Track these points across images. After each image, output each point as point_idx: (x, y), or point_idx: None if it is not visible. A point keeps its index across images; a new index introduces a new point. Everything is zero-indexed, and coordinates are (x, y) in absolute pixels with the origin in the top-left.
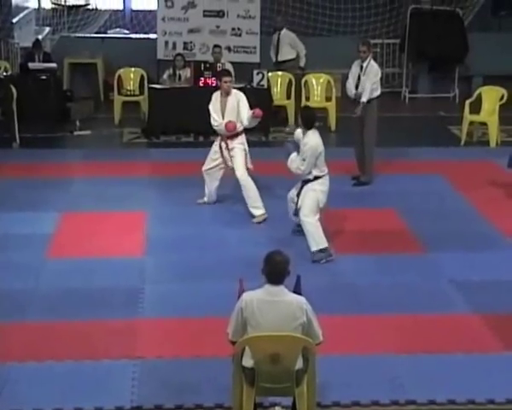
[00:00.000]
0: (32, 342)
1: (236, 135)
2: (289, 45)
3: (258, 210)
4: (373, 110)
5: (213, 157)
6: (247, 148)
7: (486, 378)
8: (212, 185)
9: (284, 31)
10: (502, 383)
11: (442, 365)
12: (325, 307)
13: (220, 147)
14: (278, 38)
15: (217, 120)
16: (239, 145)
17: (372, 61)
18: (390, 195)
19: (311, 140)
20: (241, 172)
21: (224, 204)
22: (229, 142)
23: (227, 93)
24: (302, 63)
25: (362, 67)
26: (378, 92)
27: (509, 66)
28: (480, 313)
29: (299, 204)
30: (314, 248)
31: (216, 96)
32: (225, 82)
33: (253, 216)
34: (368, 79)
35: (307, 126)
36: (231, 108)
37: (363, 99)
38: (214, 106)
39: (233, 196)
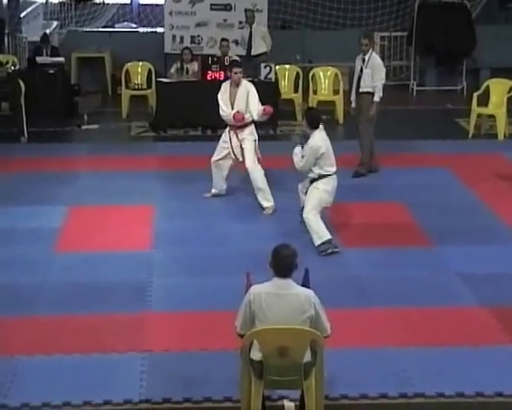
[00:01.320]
0: (41, 337)
1: (246, 125)
2: (262, 39)
3: (268, 202)
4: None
5: (223, 146)
6: (256, 138)
7: (494, 371)
8: (221, 176)
9: (255, 25)
10: (510, 375)
11: (450, 358)
12: (333, 301)
13: (230, 137)
14: (250, 33)
15: (225, 111)
16: (249, 136)
17: (374, 54)
18: (397, 188)
19: (314, 141)
20: (251, 163)
21: (232, 197)
22: (238, 132)
23: (237, 84)
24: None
25: (364, 60)
26: None
27: None
28: (487, 305)
29: (304, 203)
30: (318, 241)
31: (225, 86)
32: (235, 73)
33: (262, 208)
34: (376, 76)
35: (312, 126)
36: (240, 99)
37: (376, 98)
38: (223, 96)
39: (240, 189)
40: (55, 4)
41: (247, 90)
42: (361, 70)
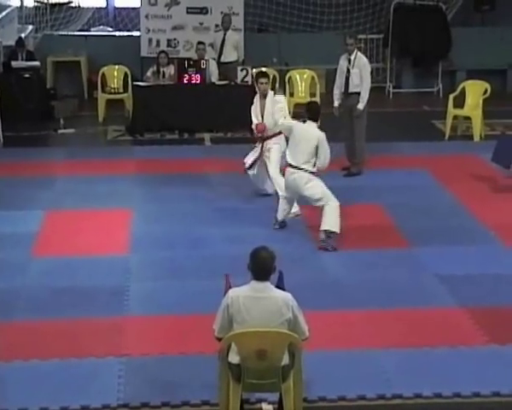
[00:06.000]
0: (18, 342)
1: (273, 136)
2: (233, 47)
3: (293, 208)
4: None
5: (253, 153)
6: (281, 146)
7: (472, 371)
8: (259, 178)
9: (230, 31)
10: (487, 375)
11: (428, 358)
12: (310, 303)
13: (261, 148)
14: (223, 39)
15: (254, 122)
16: (274, 145)
17: (359, 54)
18: (375, 190)
19: (297, 122)
20: (274, 170)
21: (210, 200)
22: (265, 142)
23: (264, 95)
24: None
25: (350, 61)
26: None
27: (491, 60)
28: (464, 306)
29: None
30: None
31: (256, 98)
32: (261, 83)
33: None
34: (364, 77)
35: (307, 116)
36: (269, 110)
37: (360, 107)
38: (255, 109)
39: (220, 192)
40: (30, 8)
41: (273, 101)
42: (348, 70)
